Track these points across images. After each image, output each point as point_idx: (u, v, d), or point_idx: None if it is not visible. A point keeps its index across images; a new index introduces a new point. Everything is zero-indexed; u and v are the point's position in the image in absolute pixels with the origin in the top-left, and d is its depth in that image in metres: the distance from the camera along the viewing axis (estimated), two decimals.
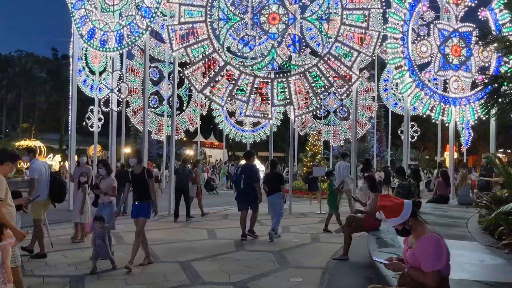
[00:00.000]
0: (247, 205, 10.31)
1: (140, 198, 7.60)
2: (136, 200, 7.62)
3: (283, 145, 47.89)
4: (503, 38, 8.43)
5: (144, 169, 7.72)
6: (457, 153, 26.98)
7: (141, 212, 7.58)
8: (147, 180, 7.54)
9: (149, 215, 7.64)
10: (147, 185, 7.53)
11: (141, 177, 7.58)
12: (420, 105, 15.08)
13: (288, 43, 14.78)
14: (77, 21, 15.22)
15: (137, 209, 7.62)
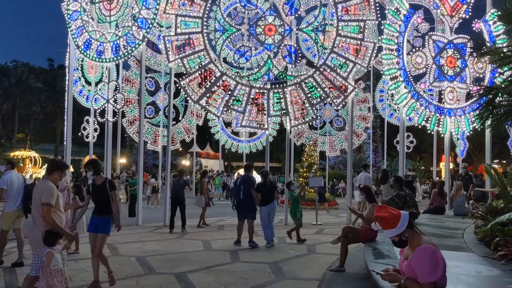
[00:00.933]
0: (245, 214, 10.94)
1: (100, 212, 6.87)
2: (96, 213, 6.89)
3: (279, 156, 47.88)
4: (497, 50, 8.50)
5: (106, 180, 7.01)
6: (452, 163, 27.04)
7: (99, 227, 6.80)
8: (109, 192, 6.83)
9: (108, 231, 6.88)
10: (108, 197, 6.84)
11: (102, 189, 6.87)
12: (416, 115, 15.13)
13: (284, 54, 14.85)
14: (73, 32, 15.24)
15: (95, 223, 6.84)
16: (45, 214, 5.22)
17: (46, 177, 5.63)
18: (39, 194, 5.35)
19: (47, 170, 5.72)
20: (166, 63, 15.37)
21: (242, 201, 11.00)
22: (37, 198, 5.35)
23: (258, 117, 14.93)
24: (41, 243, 5.20)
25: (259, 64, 15.64)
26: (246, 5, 15.35)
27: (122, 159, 33.77)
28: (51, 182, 5.50)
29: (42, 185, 5.46)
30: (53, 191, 5.39)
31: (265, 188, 11.00)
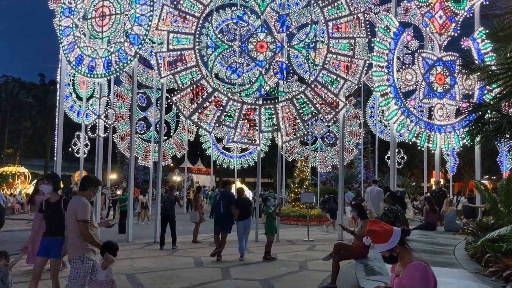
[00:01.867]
0: (223, 227, 11.53)
1: (51, 233, 6.31)
2: (47, 234, 6.33)
3: (271, 171, 47.83)
4: (485, 68, 8.62)
5: (61, 198, 6.57)
6: (443, 179, 27.19)
7: (51, 251, 6.26)
8: (63, 211, 6.31)
9: (60, 254, 6.36)
10: (62, 218, 6.29)
11: (56, 208, 6.41)
12: (406, 132, 15.25)
13: (276, 71, 14.96)
14: (65, 48, 15.26)
15: (47, 246, 6.28)
16: (83, 230, 5.38)
17: (80, 194, 5.75)
18: (74, 210, 5.53)
19: (81, 186, 5.86)
20: (158, 78, 15.40)
21: (222, 216, 11.57)
22: (72, 214, 5.54)
23: (250, 132, 14.96)
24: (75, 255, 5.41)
25: (251, 80, 15.72)
26: (238, 22, 15.48)
27: (112, 174, 33.54)
28: (85, 198, 5.65)
29: (77, 202, 5.60)
30: (88, 207, 5.59)
31: (241, 205, 11.51)
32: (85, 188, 5.74)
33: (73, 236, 5.53)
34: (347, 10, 14.65)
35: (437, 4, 15.51)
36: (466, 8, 15.76)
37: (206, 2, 14.54)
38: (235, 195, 12.14)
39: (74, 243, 5.48)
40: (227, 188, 12.32)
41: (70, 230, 5.60)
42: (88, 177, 6.28)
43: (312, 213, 20.06)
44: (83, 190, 5.73)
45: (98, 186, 6.01)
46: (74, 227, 5.48)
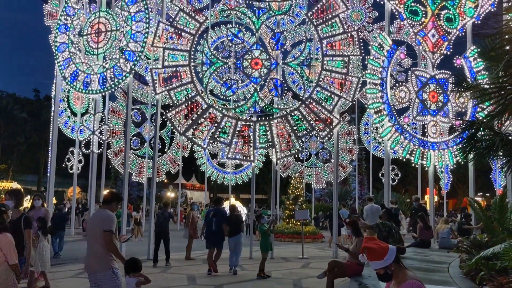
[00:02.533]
0: (215, 244, 11.82)
1: None
2: None
3: (265, 188, 47.76)
4: (478, 86, 8.71)
5: (22, 215, 6.35)
6: (437, 196, 27.22)
7: None
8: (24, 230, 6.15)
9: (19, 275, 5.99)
10: (22, 236, 6.12)
11: (17, 225, 6.15)
12: (400, 149, 15.30)
13: (270, 87, 15.04)
14: (60, 63, 15.29)
15: None
16: (108, 241, 5.44)
17: (104, 207, 5.88)
18: (98, 222, 5.61)
19: (105, 200, 5.99)
20: (153, 95, 15.44)
21: (214, 232, 11.91)
22: (95, 225, 5.61)
23: (244, 149, 14.98)
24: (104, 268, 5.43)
25: (246, 97, 15.79)
26: (233, 39, 15.60)
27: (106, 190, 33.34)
28: (110, 211, 5.77)
29: (102, 214, 5.72)
30: (114, 219, 5.72)
31: (233, 221, 11.90)
32: (109, 202, 5.85)
33: (97, 248, 5.52)
34: (341, 29, 14.83)
35: (429, 23, 15.70)
36: (458, 27, 15.97)
37: (201, 19, 14.68)
38: (228, 212, 12.40)
39: (100, 255, 5.49)
40: (220, 205, 12.62)
41: (93, 243, 5.58)
42: (113, 192, 6.43)
43: (307, 230, 19.99)
44: (107, 204, 5.84)
45: (121, 201, 6.12)
46: (99, 239, 5.49)
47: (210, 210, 13.54)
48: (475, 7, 16.08)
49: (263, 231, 11.97)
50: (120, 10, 14.74)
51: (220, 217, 11.94)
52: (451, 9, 15.94)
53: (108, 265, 5.45)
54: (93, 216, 5.85)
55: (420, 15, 15.68)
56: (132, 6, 14.45)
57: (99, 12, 14.93)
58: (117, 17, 14.70)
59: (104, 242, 5.44)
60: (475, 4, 16.07)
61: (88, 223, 5.89)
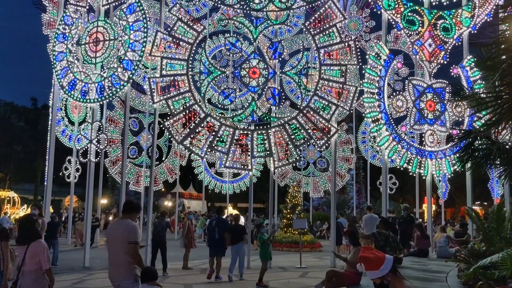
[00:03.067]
0: (217, 251, 12.20)
1: None
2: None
3: (263, 196, 47.62)
4: (474, 95, 8.75)
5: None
6: (435, 205, 27.22)
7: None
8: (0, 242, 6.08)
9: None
10: None
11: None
12: (398, 157, 15.31)
13: (268, 96, 15.07)
14: (58, 73, 15.30)
15: None
16: (134, 251, 5.58)
17: (125, 217, 5.98)
18: (122, 232, 5.71)
19: (126, 210, 6.09)
20: (151, 103, 15.44)
21: (217, 240, 12.34)
22: (119, 236, 5.72)
23: (242, 158, 14.97)
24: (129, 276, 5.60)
25: (244, 106, 15.82)
26: (231, 48, 15.65)
27: (103, 199, 33.23)
28: (132, 222, 5.92)
29: (126, 225, 5.79)
30: (138, 229, 5.89)
31: (235, 231, 12.58)
32: (130, 212, 5.96)
33: (123, 258, 5.64)
34: (338, 38, 14.90)
35: (426, 33, 15.80)
36: (455, 37, 16.07)
37: (199, 29, 14.73)
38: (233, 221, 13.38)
39: (126, 265, 5.63)
40: (222, 214, 13.36)
41: (118, 253, 5.69)
42: (132, 202, 6.55)
43: (305, 239, 19.92)
44: (128, 213, 5.95)
45: (140, 211, 6.28)
46: (124, 249, 5.61)
47: (212, 219, 13.77)
48: (471, 17, 16.19)
49: (263, 240, 11.95)
50: (118, 20, 14.78)
51: (222, 226, 12.48)
52: (447, 19, 16.04)
53: (133, 274, 5.65)
54: (115, 226, 6.01)
55: (417, 25, 15.78)
56: (130, 15, 14.50)
57: (97, 22, 14.98)
58: (115, 27, 14.74)
59: (130, 252, 5.59)
60: (471, 14, 16.19)
61: (109, 233, 6.04)
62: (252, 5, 14.75)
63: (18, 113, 61.25)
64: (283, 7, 15.02)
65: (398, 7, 15.62)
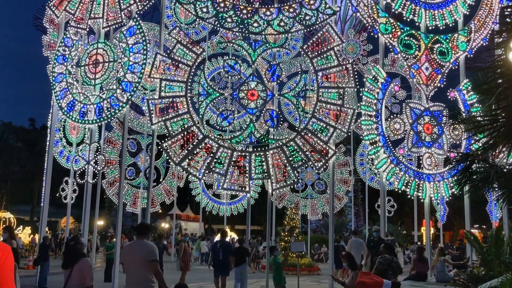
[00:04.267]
0: (222, 271, 13.32)
1: None
2: None
3: (261, 219, 47.37)
4: (471, 119, 8.81)
5: None
6: (433, 228, 27.08)
7: None
8: None
9: None
10: None
11: None
12: (396, 180, 15.30)
13: (266, 118, 15.12)
14: (57, 94, 15.37)
15: None
16: (156, 269, 5.97)
17: (140, 238, 6.41)
18: (141, 252, 6.10)
19: (141, 232, 6.53)
20: (149, 125, 15.48)
21: (221, 261, 13.43)
22: (138, 255, 6.10)
23: (240, 179, 14.93)
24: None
25: (242, 127, 15.86)
26: (230, 70, 15.78)
27: (100, 221, 32.98)
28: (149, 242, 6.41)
29: (144, 244, 6.21)
30: (156, 249, 6.32)
31: (239, 253, 13.44)
32: (145, 233, 6.46)
33: (143, 276, 6.01)
34: (336, 61, 15.03)
35: (423, 56, 15.96)
36: (451, 61, 16.24)
37: (198, 51, 14.86)
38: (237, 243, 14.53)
39: (146, 283, 5.99)
40: (225, 237, 14.64)
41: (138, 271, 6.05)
42: (146, 224, 7.14)
43: (302, 263, 19.75)
44: (143, 234, 6.41)
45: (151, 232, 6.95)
46: (142, 267, 5.96)
47: (217, 242, 15.03)
48: (467, 41, 16.39)
49: (277, 263, 11.89)
50: (118, 42, 14.93)
51: (226, 248, 13.65)
52: (444, 43, 16.23)
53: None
54: (133, 246, 6.42)
55: (413, 49, 15.95)
56: (130, 37, 14.64)
57: (97, 43, 15.12)
58: (115, 48, 14.88)
59: (152, 270, 5.98)
60: (467, 39, 16.39)
61: (127, 253, 6.41)
62: (251, 28, 14.92)
63: (16, 133, 61.29)
64: (281, 31, 15.19)
65: (395, 31, 15.81)
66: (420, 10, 16.11)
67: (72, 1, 15.77)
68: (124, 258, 6.38)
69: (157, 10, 21.20)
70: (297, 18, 14.89)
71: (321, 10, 14.95)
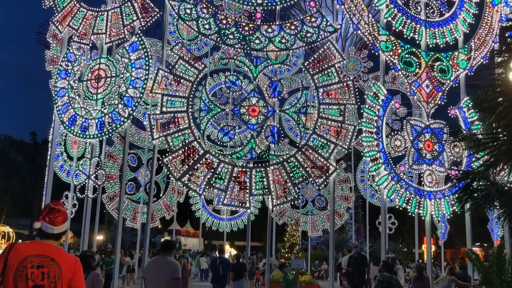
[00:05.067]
0: (222, 286, 14.19)
1: None
2: None
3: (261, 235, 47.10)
4: (472, 136, 8.82)
5: None
6: (434, 246, 26.91)
7: None
8: None
9: None
10: None
11: None
12: (397, 197, 15.24)
13: (267, 134, 15.14)
14: (59, 108, 15.43)
15: None
16: (177, 287, 6.31)
17: (164, 255, 6.76)
18: (165, 269, 6.41)
19: (165, 249, 6.88)
20: (150, 139, 15.50)
21: (221, 276, 14.35)
22: (161, 272, 6.40)
23: (240, 195, 14.89)
24: None
25: (243, 143, 15.88)
26: (231, 86, 15.85)
27: (99, 236, 32.82)
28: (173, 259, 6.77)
29: (168, 262, 6.57)
30: (179, 266, 6.76)
31: (237, 268, 14.52)
32: (169, 250, 6.81)
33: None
34: (337, 78, 15.10)
35: (423, 74, 16.03)
36: (452, 78, 16.30)
37: (200, 67, 14.95)
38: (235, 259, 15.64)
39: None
40: (224, 254, 15.73)
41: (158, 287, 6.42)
42: (170, 241, 7.49)
43: (303, 280, 19.59)
44: (167, 251, 6.77)
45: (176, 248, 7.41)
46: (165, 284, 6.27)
47: (216, 258, 16.51)
48: (467, 60, 16.48)
49: (287, 281, 11.82)
50: (121, 57, 15.04)
51: (225, 264, 14.70)
52: (444, 61, 16.32)
53: None
54: (156, 263, 6.75)
55: (414, 66, 16.03)
56: (133, 53, 14.76)
57: (100, 59, 15.23)
58: (117, 64, 14.98)
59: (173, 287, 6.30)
60: (468, 57, 16.49)
61: (151, 269, 6.69)
62: (253, 45, 15.03)
63: (17, 147, 61.33)
64: (282, 47, 15.30)
65: (396, 49, 15.91)
66: (421, 28, 16.24)
67: (76, 17, 15.92)
68: (148, 273, 6.68)
69: (159, 26, 21.38)
70: (299, 35, 15.01)
71: (322, 28, 15.09)
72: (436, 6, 16.69)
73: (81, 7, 15.94)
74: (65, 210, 4.56)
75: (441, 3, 16.77)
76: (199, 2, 14.90)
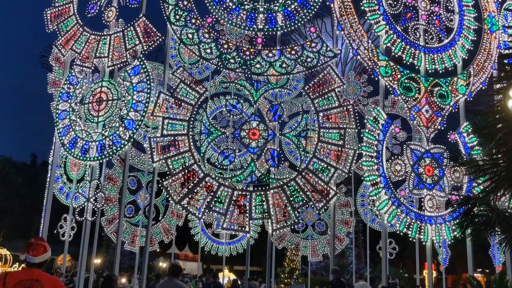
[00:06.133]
0: None
1: None
2: None
3: (260, 259, 46.62)
4: (472, 161, 8.83)
5: None
6: (435, 271, 26.60)
7: None
8: None
9: None
10: None
11: None
12: (397, 222, 15.16)
13: (267, 158, 15.15)
14: (60, 130, 15.48)
15: None
16: None
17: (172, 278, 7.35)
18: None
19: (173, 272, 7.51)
20: (150, 162, 15.50)
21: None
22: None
23: (240, 219, 14.81)
24: None
25: (243, 166, 15.87)
26: (232, 109, 15.94)
27: (97, 259, 32.50)
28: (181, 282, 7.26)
29: (177, 285, 7.23)
30: None
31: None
32: (177, 274, 7.44)
33: None
34: (337, 102, 15.20)
35: (423, 99, 16.14)
36: (451, 103, 16.40)
37: (201, 90, 15.06)
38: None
39: None
40: (217, 278, 15.22)
41: None
42: (177, 265, 8.17)
43: None
44: (175, 275, 7.38)
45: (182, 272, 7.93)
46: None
47: (209, 283, 15.63)
48: (466, 85, 16.62)
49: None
50: (123, 80, 15.16)
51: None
52: (443, 86, 16.45)
53: None
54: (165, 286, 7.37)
55: (413, 91, 16.15)
56: (135, 76, 14.89)
57: (102, 82, 15.35)
58: (119, 87, 15.09)
59: None
60: (467, 82, 16.63)
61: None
62: (253, 69, 15.17)
63: (17, 169, 61.27)
64: (283, 72, 15.44)
65: (395, 74, 16.06)
66: (420, 54, 16.43)
67: (79, 41, 16.12)
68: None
69: (161, 50, 21.63)
70: (299, 60, 15.17)
71: (323, 53, 15.26)
72: (435, 32, 16.92)
73: (84, 31, 16.16)
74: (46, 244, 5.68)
75: (439, 30, 17.01)
76: (201, 27, 15.10)
